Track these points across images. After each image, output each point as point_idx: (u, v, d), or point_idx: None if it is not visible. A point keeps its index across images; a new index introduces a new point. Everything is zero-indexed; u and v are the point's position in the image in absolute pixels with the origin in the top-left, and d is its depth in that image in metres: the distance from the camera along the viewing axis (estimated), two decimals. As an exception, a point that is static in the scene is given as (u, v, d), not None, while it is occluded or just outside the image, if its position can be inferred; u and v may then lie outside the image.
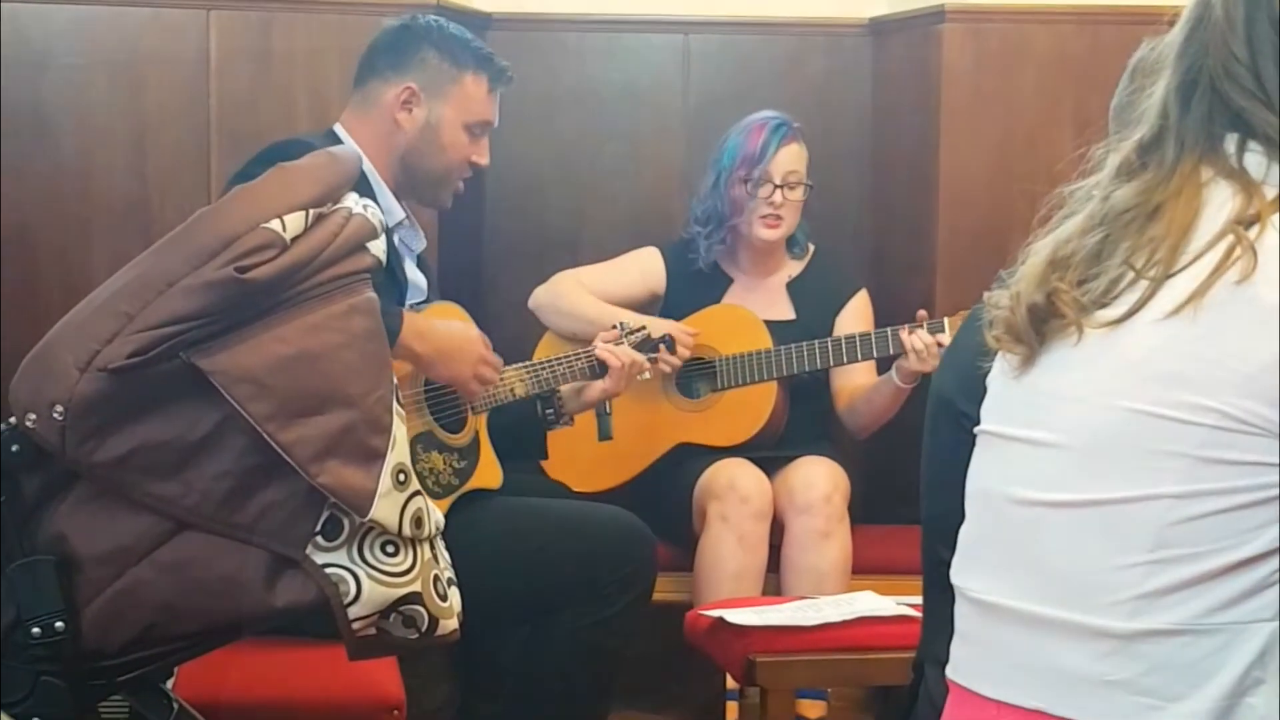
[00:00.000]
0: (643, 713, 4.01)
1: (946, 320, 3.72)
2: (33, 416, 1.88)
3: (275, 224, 1.90)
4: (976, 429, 1.67)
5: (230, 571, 1.92)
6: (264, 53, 4.02)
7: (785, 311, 4.04)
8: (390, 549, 1.94)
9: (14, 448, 1.92)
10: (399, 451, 1.94)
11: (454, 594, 2.04)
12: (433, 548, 2.01)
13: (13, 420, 1.91)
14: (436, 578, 2.00)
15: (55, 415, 1.86)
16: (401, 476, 1.94)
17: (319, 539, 1.92)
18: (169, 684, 2.14)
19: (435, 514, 2.02)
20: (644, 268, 4.07)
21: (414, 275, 3.32)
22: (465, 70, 3.30)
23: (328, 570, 1.92)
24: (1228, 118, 1.53)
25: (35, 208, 3.96)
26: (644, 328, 3.64)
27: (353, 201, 2.03)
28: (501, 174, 4.29)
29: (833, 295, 4.08)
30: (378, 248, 2.02)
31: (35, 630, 1.90)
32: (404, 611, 1.95)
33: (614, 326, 3.61)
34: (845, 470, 3.86)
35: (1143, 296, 1.49)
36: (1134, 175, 1.56)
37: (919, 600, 2.21)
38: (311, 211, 1.94)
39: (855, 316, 4.05)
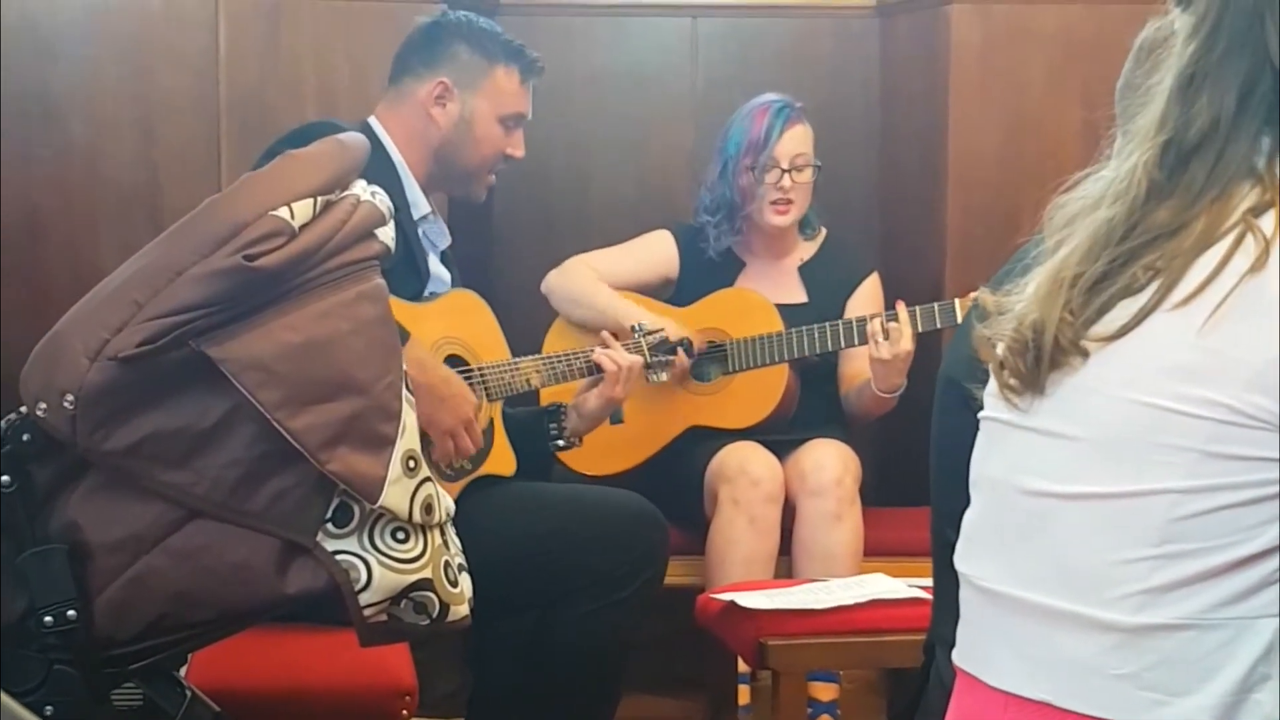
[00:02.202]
0: (655, 697, 4.02)
1: (957, 301, 3.72)
2: (43, 405, 1.88)
3: (283, 211, 1.90)
4: (980, 414, 1.65)
5: (242, 559, 1.92)
6: (273, 42, 4.02)
7: (797, 295, 4.03)
8: (401, 535, 1.94)
9: (25, 437, 1.92)
10: (409, 438, 1.95)
11: (465, 580, 2.05)
12: (443, 534, 2.01)
13: (23, 409, 1.92)
14: (447, 564, 2.00)
15: (66, 404, 1.87)
16: (411, 463, 1.94)
17: (329, 526, 1.92)
18: (182, 672, 2.15)
19: (445, 500, 2.02)
20: (656, 251, 4.06)
21: (437, 270, 3.33)
22: (496, 63, 3.33)
23: (338, 557, 1.92)
24: (1270, 123, 1.47)
25: (43, 196, 3.96)
26: (662, 329, 3.61)
27: (361, 188, 2.03)
28: (511, 158, 4.28)
29: (844, 279, 4.07)
30: (386, 234, 2.02)
31: (48, 619, 1.91)
32: (415, 598, 1.96)
33: (631, 329, 3.57)
34: (856, 453, 3.86)
35: (1158, 287, 1.46)
36: (1161, 199, 1.49)
37: (930, 582, 2.22)
38: (320, 198, 1.94)
39: (866, 300, 4.04)
